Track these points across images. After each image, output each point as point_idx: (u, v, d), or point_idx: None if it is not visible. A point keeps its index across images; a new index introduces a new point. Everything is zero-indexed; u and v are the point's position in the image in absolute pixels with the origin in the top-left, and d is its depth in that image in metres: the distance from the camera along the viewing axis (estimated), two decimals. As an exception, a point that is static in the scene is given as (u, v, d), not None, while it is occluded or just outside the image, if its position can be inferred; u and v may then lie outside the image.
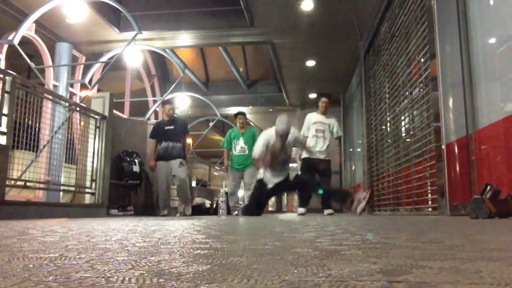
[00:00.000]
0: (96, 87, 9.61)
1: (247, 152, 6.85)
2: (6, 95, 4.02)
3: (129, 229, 2.00)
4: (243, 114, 7.23)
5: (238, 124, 7.16)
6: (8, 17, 7.96)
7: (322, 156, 6.27)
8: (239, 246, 1.08)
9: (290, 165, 5.95)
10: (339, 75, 11.10)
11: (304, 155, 6.36)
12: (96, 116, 5.88)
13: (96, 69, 9.49)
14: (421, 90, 5.47)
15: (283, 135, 5.33)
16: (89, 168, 5.74)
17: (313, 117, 6.47)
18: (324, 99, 6.54)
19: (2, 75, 4.08)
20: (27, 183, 4.76)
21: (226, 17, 9.06)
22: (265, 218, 4.64)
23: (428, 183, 5.18)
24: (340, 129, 6.59)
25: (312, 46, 9.48)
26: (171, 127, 6.59)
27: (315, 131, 6.35)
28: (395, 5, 6.75)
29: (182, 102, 13.90)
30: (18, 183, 4.62)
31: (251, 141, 6.89)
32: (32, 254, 0.90)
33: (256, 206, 5.80)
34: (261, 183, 5.62)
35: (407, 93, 6.16)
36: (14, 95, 4.11)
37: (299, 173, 6.32)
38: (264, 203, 6.35)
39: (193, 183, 10.51)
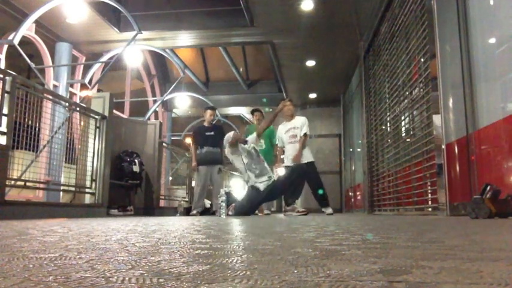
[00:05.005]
0: (96, 87, 9.62)
1: (264, 146, 6.93)
2: (6, 95, 4.02)
3: (129, 229, 2.00)
4: (259, 111, 7.28)
5: (255, 121, 7.21)
6: (8, 17, 7.96)
7: (304, 160, 6.18)
8: (239, 246, 1.08)
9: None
10: (339, 75, 11.09)
11: (286, 163, 6.36)
12: (96, 116, 5.88)
13: (96, 69, 9.50)
14: (421, 90, 5.47)
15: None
16: (89, 168, 5.74)
17: (284, 127, 6.46)
18: (287, 102, 6.41)
19: (2, 75, 4.08)
20: (27, 183, 4.77)
21: (226, 17, 9.06)
22: (265, 218, 4.65)
23: (428, 183, 5.18)
24: (307, 128, 6.30)
25: (312, 46, 9.48)
26: (211, 133, 6.85)
27: (289, 138, 6.35)
28: (395, 5, 6.75)
29: (182, 102, 13.91)
30: (18, 183, 4.62)
31: (268, 138, 6.98)
32: (32, 254, 0.90)
33: (253, 207, 5.88)
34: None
35: (407, 93, 6.16)
36: (14, 95, 4.11)
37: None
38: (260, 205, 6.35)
39: (193, 184, 10.51)
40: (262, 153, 6.88)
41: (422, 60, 5.37)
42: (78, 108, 5.91)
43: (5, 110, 3.99)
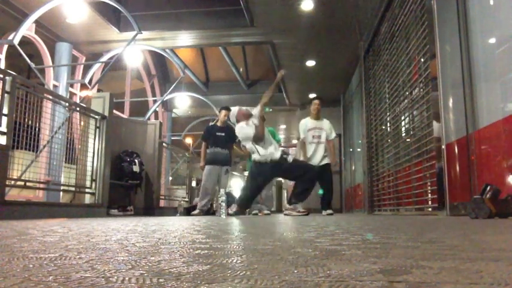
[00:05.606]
0: (96, 87, 9.62)
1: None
2: (6, 95, 4.02)
3: (129, 229, 2.00)
4: None
5: None
6: (8, 17, 7.96)
7: (324, 162, 6.24)
8: (239, 246, 1.08)
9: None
10: (339, 75, 11.09)
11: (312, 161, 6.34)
12: (96, 116, 5.88)
13: (96, 69, 9.50)
14: (421, 90, 5.47)
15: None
16: (89, 168, 5.74)
17: (309, 123, 6.43)
18: (316, 101, 6.48)
19: (2, 75, 4.08)
20: (27, 183, 4.76)
21: (226, 17, 9.06)
22: (265, 218, 4.65)
23: (428, 183, 5.18)
24: (335, 133, 6.53)
25: (312, 46, 9.48)
26: (222, 134, 6.90)
27: (312, 137, 6.33)
28: (395, 5, 6.75)
29: (182, 102, 13.91)
30: (18, 183, 4.62)
31: (269, 138, 7.01)
32: (32, 254, 0.90)
33: (255, 192, 5.74)
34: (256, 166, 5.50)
35: (407, 93, 6.16)
36: (14, 95, 4.11)
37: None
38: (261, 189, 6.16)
39: (193, 184, 10.51)
40: None
41: (422, 60, 5.37)
42: (78, 108, 5.91)
43: (5, 110, 3.99)
